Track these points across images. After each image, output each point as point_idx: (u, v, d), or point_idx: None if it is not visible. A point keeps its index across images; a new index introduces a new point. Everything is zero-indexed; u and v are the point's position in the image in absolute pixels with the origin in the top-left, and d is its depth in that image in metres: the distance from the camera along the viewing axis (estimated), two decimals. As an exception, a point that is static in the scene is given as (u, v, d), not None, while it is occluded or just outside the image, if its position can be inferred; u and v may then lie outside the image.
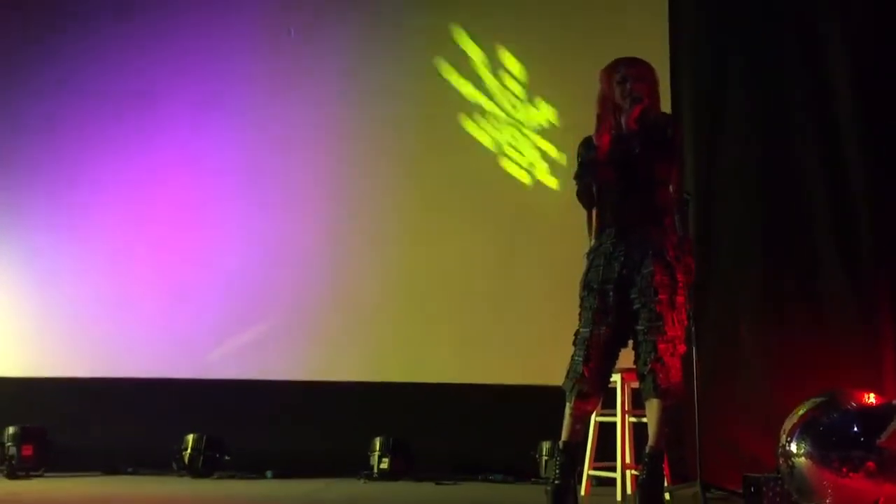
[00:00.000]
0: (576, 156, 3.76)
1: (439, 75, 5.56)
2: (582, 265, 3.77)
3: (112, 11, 5.66)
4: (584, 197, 3.77)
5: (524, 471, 4.91)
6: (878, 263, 4.81)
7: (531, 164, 5.38)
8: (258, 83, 5.61)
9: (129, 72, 5.61)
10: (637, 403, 4.07)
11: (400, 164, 5.52)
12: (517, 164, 5.41)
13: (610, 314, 3.61)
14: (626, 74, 3.68)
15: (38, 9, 5.75)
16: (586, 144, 3.72)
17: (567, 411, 3.67)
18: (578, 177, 3.74)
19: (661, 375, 3.50)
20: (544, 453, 4.85)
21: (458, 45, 5.56)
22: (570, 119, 5.27)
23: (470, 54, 5.54)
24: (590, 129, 3.73)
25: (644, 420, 3.69)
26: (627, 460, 4.20)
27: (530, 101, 5.46)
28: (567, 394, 3.65)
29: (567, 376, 3.66)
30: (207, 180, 5.56)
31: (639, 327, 3.55)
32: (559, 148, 5.37)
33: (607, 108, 3.73)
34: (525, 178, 5.39)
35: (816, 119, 5.02)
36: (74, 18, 5.70)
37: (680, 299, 3.57)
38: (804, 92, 5.07)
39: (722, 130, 5.16)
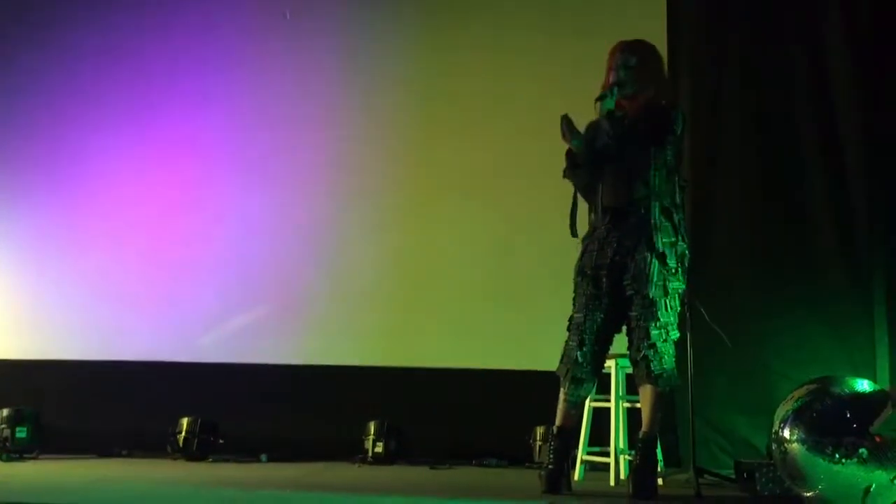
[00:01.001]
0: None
1: (438, 61, 5.53)
2: (577, 251, 3.79)
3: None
4: (580, 190, 3.79)
5: (518, 456, 4.91)
6: (875, 257, 4.82)
7: (528, 153, 5.34)
8: (252, 67, 5.57)
9: (123, 55, 5.57)
10: (631, 389, 4.08)
11: (396, 150, 5.49)
12: (514, 151, 5.38)
13: (603, 299, 3.63)
14: (609, 65, 3.72)
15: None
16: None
17: (561, 396, 3.69)
18: (570, 168, 3.78)
19: (653, 361, 3.52)
20: (538, 438, 4.85)
21: (458, 33, 5.53)
22: (566, 110, 5.23)
23: (469, 43, 5.50)
24: (587, 121, 3.76)
25: (638, 405, 3.71)
26: (621, 445, 4.21)
27: (527, 91, 5.41)
28: (561, 379, 3.67)
29: (561, 362, 3.68)
30: (202, 165, 5.53)
31: (632, 313, 3.56)
32: (557, 138, 5.33)
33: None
34: (521, 165, 5.36)
35: (817, 117, 5.01)
36: (71, 2, 5.68)
37: (673, 285, 3.58)
38: (804, 90, 5.05)
39: (721, 129, 5.13)
